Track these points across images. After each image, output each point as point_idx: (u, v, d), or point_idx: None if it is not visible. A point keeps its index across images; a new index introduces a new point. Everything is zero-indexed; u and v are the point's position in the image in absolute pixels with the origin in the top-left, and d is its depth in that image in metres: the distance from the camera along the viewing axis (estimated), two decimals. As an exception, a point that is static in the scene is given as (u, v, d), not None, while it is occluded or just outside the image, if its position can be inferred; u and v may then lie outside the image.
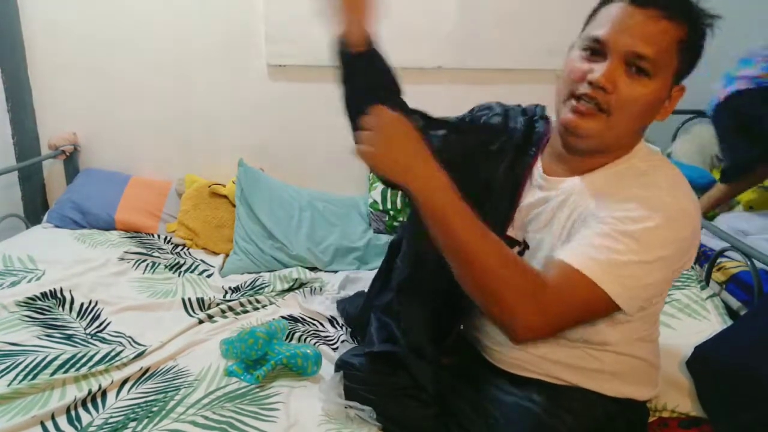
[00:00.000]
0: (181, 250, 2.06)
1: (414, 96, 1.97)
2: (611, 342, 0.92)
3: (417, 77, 2.15)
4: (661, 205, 0.80)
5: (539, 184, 0.97)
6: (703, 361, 1.11)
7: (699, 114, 2.41)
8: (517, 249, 0.98)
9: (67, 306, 1.54)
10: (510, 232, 1.00)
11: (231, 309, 1.57)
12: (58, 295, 1.56)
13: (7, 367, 1.21)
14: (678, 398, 1.12)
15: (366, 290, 1.35)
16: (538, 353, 0.97)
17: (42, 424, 1.07)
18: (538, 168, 0.99)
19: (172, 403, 1.13)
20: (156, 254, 1.96)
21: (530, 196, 0.98)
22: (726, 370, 1.06)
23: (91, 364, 1.25)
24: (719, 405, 1.06)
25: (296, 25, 2.14)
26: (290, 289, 1.75)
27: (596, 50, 0.83)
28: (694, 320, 1.32)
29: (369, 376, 1.11)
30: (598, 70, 0.81)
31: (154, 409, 1.11)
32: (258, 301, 1.62)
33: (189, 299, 1.61)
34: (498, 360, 1.03)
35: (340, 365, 1.17)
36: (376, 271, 1.94)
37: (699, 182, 2.12)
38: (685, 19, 0.80)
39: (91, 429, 1.06)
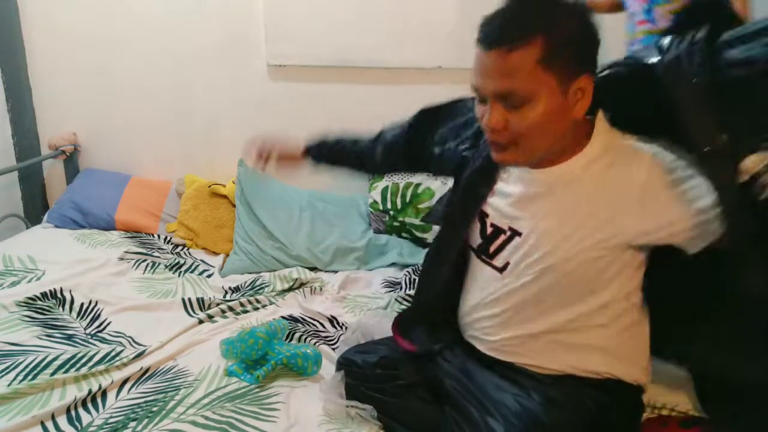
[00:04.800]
0: (181, 250, 2.06)
1: (414, 96, 1.98)
2: (599, 317, 0.95)
3: (417, 77, 2.15)
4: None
5: (519, 177, 0.98)
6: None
7: None
8: (503, 238, 0.99)
9: (67, 306, 1.54)
10: (494, 221, 1.01)
11: (231, 309, 1.57)
12: (58, 295, 1.56)
13: (7, 367, 1.21)
14: (677, 397, 1.12)
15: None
16: (528, 332, 0.98)
17: (42, 424, 1.07)
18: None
19: (172, 403, 1.13)
20: (156, 254, 1.96)
21: (512, 186, 0.99)
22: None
23: (91, 364, 1.25)
24: (720, 404, 1.06)
25: (296, 25, 2.14)
26: (290, 289, 1.75)
27: (480, 97, 0.88)
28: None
29: (371, 373, 1.11)
30: (486, 115, 0.86)
31: (154, 409, 1.11)
32: (258, 301, 1.62)
33: (189, 299, 1.61)
34: (489, 347, 1.04)
35: (342, 362, 1.17)
36: (375, 271, 1.96)
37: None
38: (532, 39, 0.80)
39: (91, 429, 1.06)
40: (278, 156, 1.35)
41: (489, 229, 1.02)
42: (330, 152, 1.36)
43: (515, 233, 0.97)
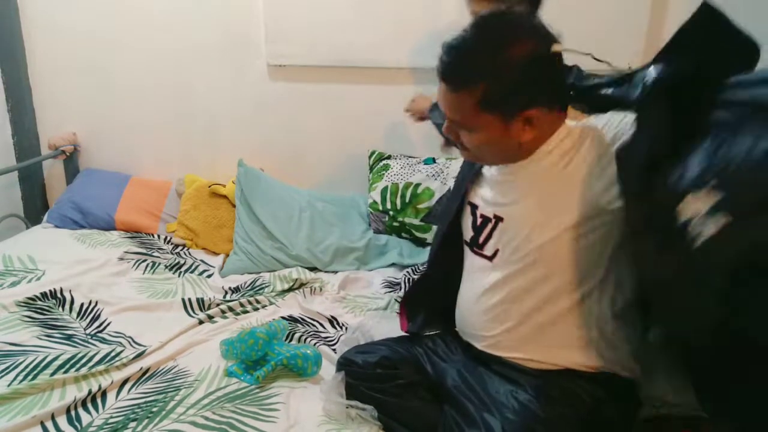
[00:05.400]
0: (181, 250, 2.06)
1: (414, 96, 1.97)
2: (588, 309, 0.97)
3: (417, 77, 2.15)
4: None
5: (498, 166, 1.04)
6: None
7: None
8: (490, 226, 1.04)
9: (67, 306, 1.54)
10: (483, 212, 1.06)
11: (231, 309, 1.57)
12: (58, 295, 1.56)
13: (7, 368, 1.21)
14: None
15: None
16: (521, 326, 1.00)
17: (42, 424, 1.07)
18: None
19: (172, 403, 1.14)
20: (156, 254, 1.96)
21: (491, 171, 1.06)
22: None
23: (91, 364, 1.25)
24: (719, 403, 1.06)
25: (296, 25, 2.14)
26: (290, 290, 1.75)
27: None
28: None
29: (371, 372, 1.12)
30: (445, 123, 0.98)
31: (154, 409, 1.12)
32: (258, 302, 1.62)
33: (189, 299, 1.61)
34: (486, 344, 1.06)
35: (343, 363, 1.18)
36: (375, 272, 1.96)
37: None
38: (473, 86, 0.88)
39: (91, 429, 1.06)
40: (414, 111, 1.71)
41: (479, 220, 1.07)
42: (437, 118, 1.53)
43: (499, 219, 1.02)
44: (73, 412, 1.11)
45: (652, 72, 0.82)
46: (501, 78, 0.87)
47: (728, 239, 0.71)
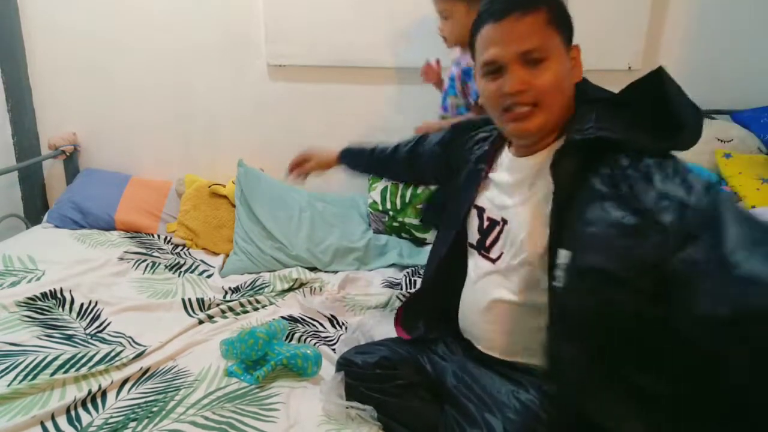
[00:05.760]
0: (181, 250, 2.06)
1: (414, 96, 1.99)
2: None
3: (417, 77, 2.15)
4: None
5: (508, 166, 1.04)
6: None
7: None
8: (497, 229, 1.03)
9: (67, 306, 1.54)
10: (490, 214, 1.06)
11: (231, 309, 1.57)
12: (58, 295, 1.56)
13: (7, 367, 1.21)
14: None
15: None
16: (521, 329, 1.00)
17: (42, 424, 1.07)
18: (502, 156, 1.08)
19: (172, 403, 1.14)
20: (156, 254, 1.96)
21: (501, 175, 1.05)
22: None
23: (91, 364, 1.25)
24: None
25: (296, 25, 2.15)
26: (290, 290, 1.75)
27: (495, 70, 0.94)
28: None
29: (371, 373, 1.12)
30: (507, 81, 0.93)
31: (154, 409, 1.12)
32: (258, 302, 1.63)
33: (189, 299, 1.61)
34: (487, 346, 1.06)
35: (342, 363, 1.18)
36: (375, 272, 1.96)
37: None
38: (539, 7, 0.91)
39: (91, 429, 1.06)
40: (315, 167, 1.54)
41: (486, 223, 1.06)
42: (364, 160, 1.48)
43: (505, 222, 1.02)
44: (73, 412, 1.11)
45: (589, 124, 0.88)
46: (555, 4, 0.94)
47: (563, 297, 0.83)
